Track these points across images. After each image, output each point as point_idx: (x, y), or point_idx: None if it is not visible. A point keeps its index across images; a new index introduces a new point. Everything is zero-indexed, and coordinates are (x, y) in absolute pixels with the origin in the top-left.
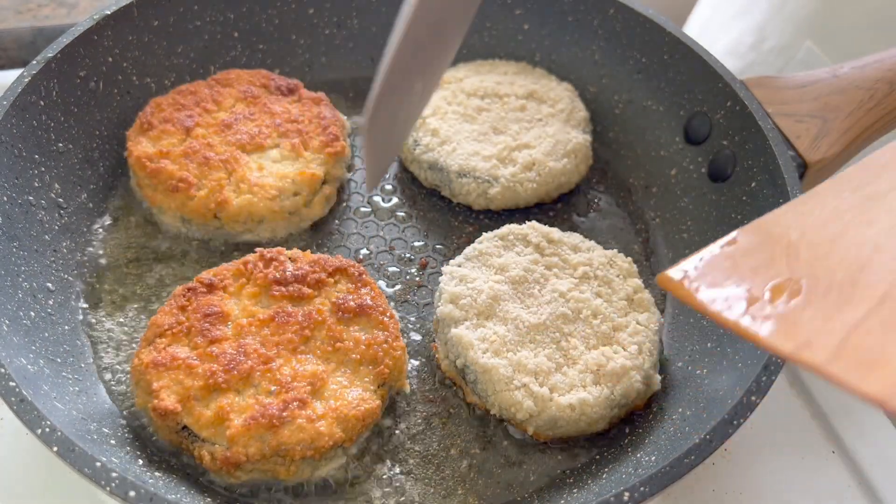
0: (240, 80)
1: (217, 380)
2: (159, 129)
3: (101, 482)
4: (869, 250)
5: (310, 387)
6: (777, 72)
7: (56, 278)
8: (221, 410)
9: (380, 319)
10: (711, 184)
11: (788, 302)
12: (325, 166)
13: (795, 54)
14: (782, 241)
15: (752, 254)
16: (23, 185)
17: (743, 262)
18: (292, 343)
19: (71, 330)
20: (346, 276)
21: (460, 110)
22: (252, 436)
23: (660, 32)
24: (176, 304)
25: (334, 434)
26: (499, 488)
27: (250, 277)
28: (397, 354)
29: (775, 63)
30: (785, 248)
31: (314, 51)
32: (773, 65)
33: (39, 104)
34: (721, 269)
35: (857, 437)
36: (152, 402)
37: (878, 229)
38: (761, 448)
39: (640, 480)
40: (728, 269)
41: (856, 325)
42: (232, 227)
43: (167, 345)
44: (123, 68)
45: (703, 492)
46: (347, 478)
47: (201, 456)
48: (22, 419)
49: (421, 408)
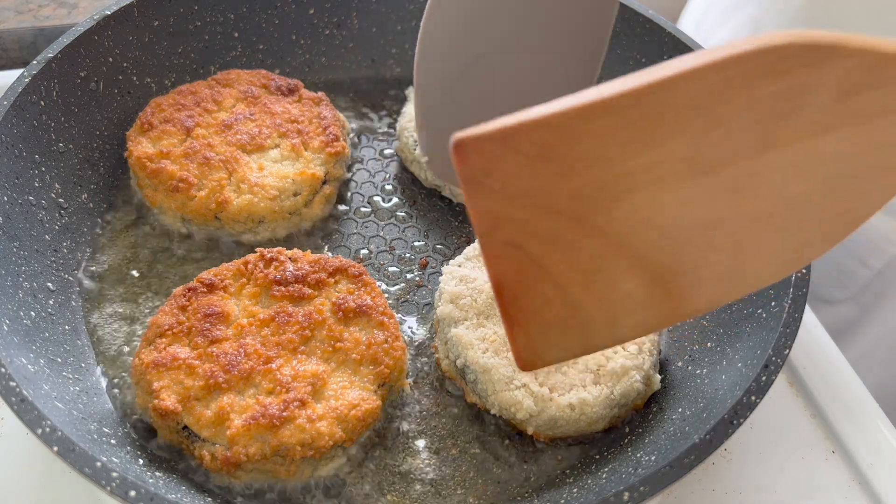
0: (240, 80)
1: (217, 380)
2: (159, 129)
3: (102, 482)
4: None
5: (310, 387)
6: None
7: (56, 278)
8: (222, 410)
9: (380, 320)
10: None
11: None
12: (326, 166)
13: None
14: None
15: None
16: (23, 185)
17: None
18: (292, 343)
19: (71, 330)
20: (346, 277)
21: None
22: (252, 436)
23: (659, 32)
24: (176, 304)
25: (334, 434)
26: (499, 488)
27: (251, 277)
28: (397, 354)
29: None
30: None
31: (314, 51)
32: None
33: (40, 104)
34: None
35: (858, 437)
36: (153, 402)
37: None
38: (761, 448)
39: (640, 480)
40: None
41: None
42: (232, 227)
43: (167, 345)
44: (124, 68)
45: (703, 492)
46: (347, 478)
47: (201, 456)
48: (22, 419)
49: (420, 408)
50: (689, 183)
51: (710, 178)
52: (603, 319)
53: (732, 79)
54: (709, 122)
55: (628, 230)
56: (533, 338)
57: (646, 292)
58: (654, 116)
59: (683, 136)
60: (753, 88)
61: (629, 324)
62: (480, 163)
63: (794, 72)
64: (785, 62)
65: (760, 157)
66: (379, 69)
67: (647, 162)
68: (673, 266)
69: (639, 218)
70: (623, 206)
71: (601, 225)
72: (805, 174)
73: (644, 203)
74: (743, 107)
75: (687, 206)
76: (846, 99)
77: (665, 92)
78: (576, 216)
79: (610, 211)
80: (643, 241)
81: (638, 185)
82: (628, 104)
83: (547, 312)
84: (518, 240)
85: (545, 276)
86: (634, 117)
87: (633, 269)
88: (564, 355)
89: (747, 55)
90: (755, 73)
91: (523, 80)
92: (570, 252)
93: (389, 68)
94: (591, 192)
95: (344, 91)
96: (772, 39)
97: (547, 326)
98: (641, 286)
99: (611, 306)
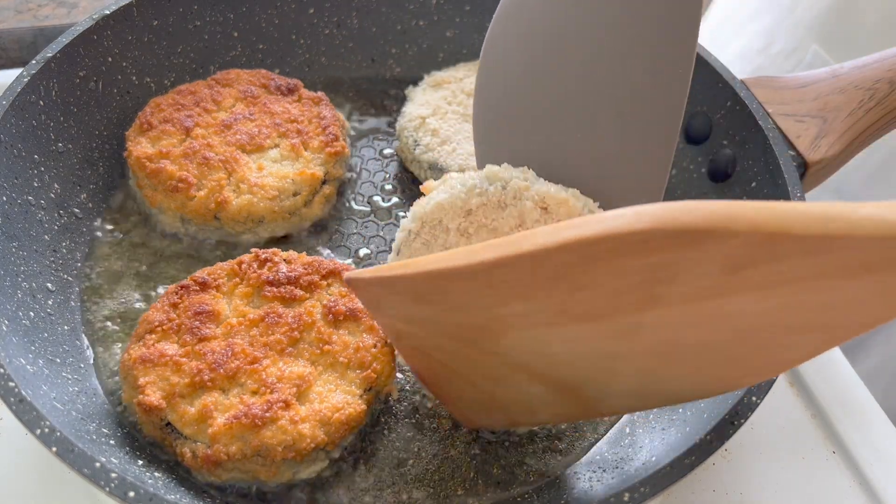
0: (239, 79)
1: (203, 378)
2: (159, 129)
3: (101, 482)
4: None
5: (295, 388)
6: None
7: (56, 278)
8: (205, 409)
9: (370, 324)
10: (711, 184)
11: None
12: (325, 166)
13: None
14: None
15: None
16: (22, 185)
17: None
18: (280, 344)
19: (70, 330)
20: (338, 279)
21: (460, 110)
22: (234, 435)
23: None
24: (168, 302)
25: (316, 436)
26: (499, 488)
27: (244, 277)
28: (385, 359)
29: (783, 67)
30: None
31: (314, 51)
32: (781, 68)
33: (39, 104)
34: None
35: (858, 437)
36: (137, 398)
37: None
38: (761, 448)
39: (641, 480)
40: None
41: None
42: (232, 228)
43: (156, 341)
44: (123, 68)
45: (703, 492)
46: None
47: (182, 453)
48: (21, 419)
49: (421, 408)
50: (570, 328)
51: (592, 325)
52: (521, 409)
53: (588, 257)
54: (573, 286)
55: (518, 356)
56: (463, 411)
57: (555, 396)
58: (512, 283)
59: (549, 294)
60: (616, 263)
61: (547, 413)
62: (370, 297)
63: (662, 251)
64: (649, 243)
65: (645, 314)
66: (379, 69)
67: (520, 311)
68: (575, 383)
69: (525, 349)
70: (507, 340)
71: (491, 349)
72: (705, 327)
73: (528, 339)
74: (609, 275)
75: (573, 343)
76: (737, 272)
77: (510, 267)
78: (465, 340)
79: (497, 341)
80: (537, 364)
81: (516, 327)
82: (482, 272)
83: (467, 397)
84: (422, 348)
85: (455, 375)
86: (492, 282)
87: (535, 381)
88: (496, 425)
89: (601, 238)
90: (615, 252)
91: (584, 118)
92: (470, 363)
93: (389, 68)
94: (473, 329)
95: (344, 91)
96: (633, 223)
97: (471, 405)
98: (548, 392)
99: (525, 401)
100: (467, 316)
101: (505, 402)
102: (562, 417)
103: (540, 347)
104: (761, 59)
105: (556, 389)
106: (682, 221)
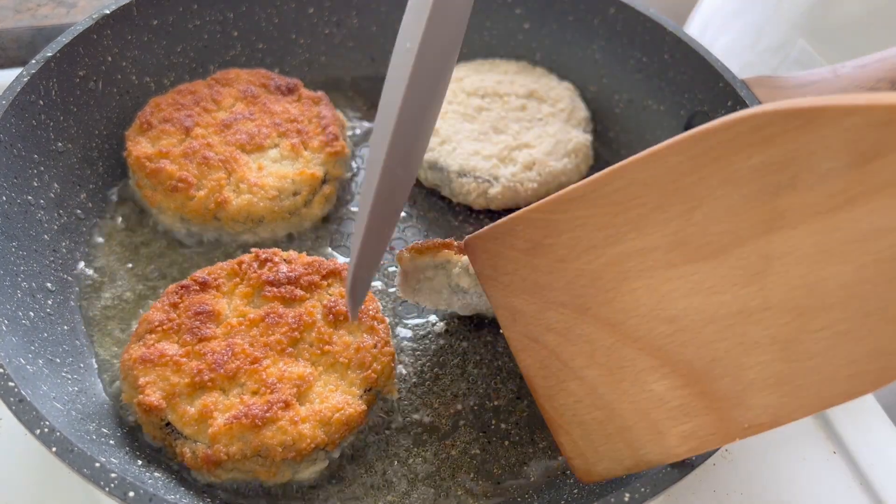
0: (239, 79)
1: (203, 378)
2: (158, 128)
3: (100, 483)
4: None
5: (295, 388)
6: (772, 71)
7: (55, 278)
8: (205, 409)
9: (370, 324)
10: None
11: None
12: (325, 166)
13: (790, 53)
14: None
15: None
16: (22, 184)
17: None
18: (281, 344)
19: (70, 330)
20: (339, 280)
21: (460, 110)
22: (234, 435)
23: (660, 32)
24: (168, 302)
25: (316, 437)
26: (499, 488)
27: (244, 277)
28: (385, 360)
29: (770, 62)
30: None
31: (314, 50)
32: (768, 64)
33: (38, 104)
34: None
35: (858, 437)
36: (137, 398)
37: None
38: (762, 449)
39: (641, 480)
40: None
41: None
42: (232, 227)
43: (156, 341)
44: (123, 68)
45: (703, 492)
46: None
47: (183, 453)
48: (21, 419)
49: (420, 409)
50: (688, 270)
51: (714, 263)
52: (644, 426)
53: (697, 157)
54: (687, 204)
55: (636, 322)
56: (578, 443)
57: (682, 396)
58: (624, 202)
59: (664, 220)
60: (729, 166)
61: (676, 433)
62: (486, 261)
63: (775, 139)
64: (760, 131)
65: (770, 237)
66: (379, 68)
67: (635, 249)
68: (704, 365)
69: (643, 309)
70: (623, 297)
71: (606, 315)
72: (846, 259)
73: (644, 292)
74: (723, 183)
75: (695, 296)
76: (866, 163)
77: (623, 179)
78: (578, 307)
79: (611, 301)
80: (657, 334)
81: (631, 274)
82: (593, 193)
83: (583, 412)
84: (534, 332)
85: (568, 370)
86: (604, 204)
87: (658, 368)
88: (617, 467)
89: (710, 131)
90: (725, 148)
91: None
92: (584, 345)
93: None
94: (586, 282)
95: (344, 90)
96: (740, 113)
97: (588, 429)
98: (674, 388)
99: (647, 411)
100: (579, 264)
101: (625, 418)
102: (693, 438)
103: (658, 307)
104: (749, 55)
105: (684, 383)
106: (794, 103)
